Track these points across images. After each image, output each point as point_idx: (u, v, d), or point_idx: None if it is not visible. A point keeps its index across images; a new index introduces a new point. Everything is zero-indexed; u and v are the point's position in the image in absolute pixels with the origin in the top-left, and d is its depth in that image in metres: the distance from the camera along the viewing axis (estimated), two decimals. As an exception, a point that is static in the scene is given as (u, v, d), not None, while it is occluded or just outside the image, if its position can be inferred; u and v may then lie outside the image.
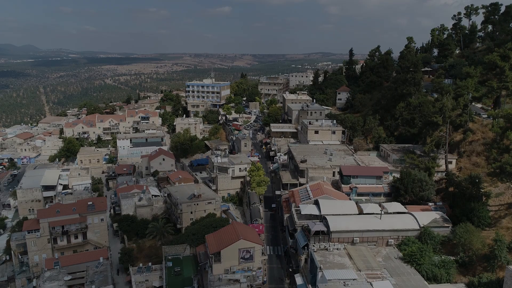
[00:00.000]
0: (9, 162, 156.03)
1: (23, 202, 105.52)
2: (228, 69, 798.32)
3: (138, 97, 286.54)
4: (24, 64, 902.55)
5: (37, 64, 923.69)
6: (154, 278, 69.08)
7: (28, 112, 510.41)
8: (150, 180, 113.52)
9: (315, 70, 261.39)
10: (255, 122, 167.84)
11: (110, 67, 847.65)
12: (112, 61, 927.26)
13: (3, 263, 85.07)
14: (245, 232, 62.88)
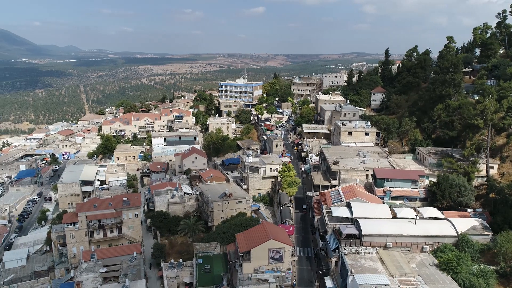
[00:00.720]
0: (51, 157, 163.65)
1: (63, 196, 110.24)
2: (261, 69, 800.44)
3: (173, 96, 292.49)
4: (66, 64, 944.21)
5: (78, 64, 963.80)
6: (185, 274, 70.23)
7: (69, 110, 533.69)
8: (182, 178, 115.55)
9: (349, 70, 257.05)
10: (287, 123, 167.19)
11: (146, 67, 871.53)
12: (148, 61, 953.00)
13: (44, 253, 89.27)
14: (275, 232, 62.74)
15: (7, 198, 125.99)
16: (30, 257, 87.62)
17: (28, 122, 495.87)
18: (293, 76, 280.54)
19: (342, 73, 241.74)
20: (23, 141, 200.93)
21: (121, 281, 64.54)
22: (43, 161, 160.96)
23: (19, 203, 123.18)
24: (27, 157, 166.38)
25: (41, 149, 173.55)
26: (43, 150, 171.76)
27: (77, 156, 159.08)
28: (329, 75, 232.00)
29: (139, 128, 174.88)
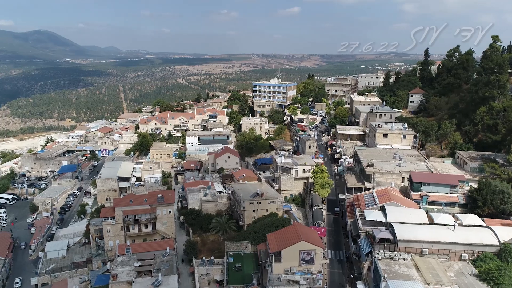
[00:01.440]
0: (91, 153, 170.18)
1: (101, 191, 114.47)
2: (295, 70, 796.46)
3: (207, 96, 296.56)
4: (107, 64, 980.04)
5: (118, 64, 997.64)
6: (216, 271, 71.02)
7: (108, 109, 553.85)
8: (215, 176, 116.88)
9: (386, 71, 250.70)
10: (320, 124, 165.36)
11: (182, 67, 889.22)
12: (184, 62, 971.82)
13: (83, 245, 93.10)
14: (307, 233, 62.17)
15: (50, 191, 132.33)
16: (70, 249, 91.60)
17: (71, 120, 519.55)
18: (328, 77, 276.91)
19: (378, 74, 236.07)
20: (65, 138, 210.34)
21: (154, 276, 66.20)
22: (84, 157, 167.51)
23: (60, 196, 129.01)
24: (69, 153, 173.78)
25: (82, 146, 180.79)
26: (83, 147, 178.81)
27: (115, 153, 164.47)
28: (365, 75, 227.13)
29: (174, 126, 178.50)
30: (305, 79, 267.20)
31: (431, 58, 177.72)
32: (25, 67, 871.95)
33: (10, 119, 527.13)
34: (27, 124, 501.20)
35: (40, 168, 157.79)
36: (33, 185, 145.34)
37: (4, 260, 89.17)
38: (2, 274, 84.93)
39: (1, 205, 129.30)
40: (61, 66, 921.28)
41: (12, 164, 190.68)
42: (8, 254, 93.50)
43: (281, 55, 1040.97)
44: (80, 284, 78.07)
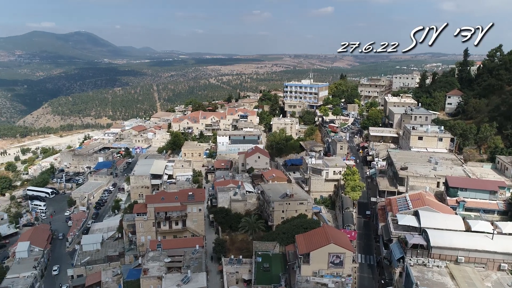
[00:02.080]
0: (125, 151, 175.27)
1: (135, 187, 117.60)
2: (327, 70, 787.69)
3: (239, 96, 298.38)
4: (142, 64, 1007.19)
5: (153, 64, 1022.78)
6: (244, 271, 71.29)
7: (142, 107, 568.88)
8: (245, 176, 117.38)
9: (422, 71, 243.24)
10: (352, 125, 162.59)
11: (215, 68, 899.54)
12: (217, 62, 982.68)
13: (116, 240, 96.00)
14: (336, 236, 61.27)
15: (86, 186, 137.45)
16: (104, 242, 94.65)
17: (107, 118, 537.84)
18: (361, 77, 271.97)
19: (414, 75, 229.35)
20: (101, 135, 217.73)
21: (184, 272, 67.33)
22: (118, 154, 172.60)
23: (96, 192, 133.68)
24: (104, 150, 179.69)
25: (117, 143, 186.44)
26: (118, 144, 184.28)
27: (148, 150, 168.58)
28: (400, 76, 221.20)
29: (206, 126, 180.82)
30: (337, 80, 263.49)
31: (470, 59, 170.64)
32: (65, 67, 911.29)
33: (51, 117, 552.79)
34: (66, 122, 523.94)
35: (77, 164, 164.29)
36: (71, 180, 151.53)
37: (43, 251, 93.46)
38: (41, 264, 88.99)
39: (41, 199, 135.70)
40: (98, 66, 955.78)
41: (52, 159, 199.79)
42: (47, 245, 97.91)
43: (313, 55, 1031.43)
44: (113, 277, 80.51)
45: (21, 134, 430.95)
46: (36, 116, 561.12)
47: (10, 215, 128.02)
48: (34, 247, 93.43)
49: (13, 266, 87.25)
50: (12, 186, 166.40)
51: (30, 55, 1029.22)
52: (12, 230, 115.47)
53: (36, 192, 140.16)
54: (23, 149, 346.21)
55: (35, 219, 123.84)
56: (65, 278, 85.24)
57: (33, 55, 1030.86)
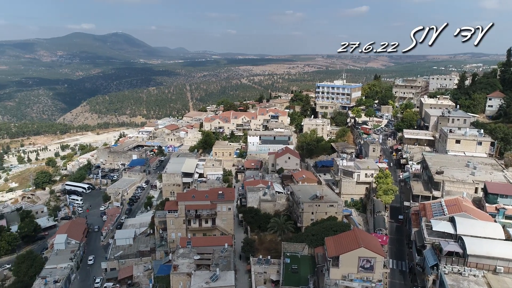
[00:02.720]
0: (158, 149, 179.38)
1: (166, 185, 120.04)
2: (360, 71, 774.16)
3: (270, 96, 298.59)
4: (176, 65, 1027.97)
5: (186, 64, 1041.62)
6: (272, 271, 71.13)
7: (175, 107, 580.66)
8: (275, 176, 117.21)
9: (461, 72, 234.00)
10: (386, 127, 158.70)
11: (246, 68, 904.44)
12: (249, 62, 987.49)
13: (148, 236, 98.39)
14: (367, 240, 59.94)
15: (121, 183, 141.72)
16: (136, 238, 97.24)
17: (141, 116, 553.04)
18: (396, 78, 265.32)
19: (452, 75, 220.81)
20: (136, 133, 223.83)
21: (212, 270, 68.04)
22: (151, 152, 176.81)
23: (130, 188, 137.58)
24: (138, 147, 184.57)
25: (150, 141, 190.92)
26: (152, 142, 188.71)
27: (180, 149, 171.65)
28: (437, 77, 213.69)
29: (237, 126, 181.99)
30: (371, 80, 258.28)
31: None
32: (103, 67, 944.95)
33: (89, 115, 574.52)
34: (103, 120, 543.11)
35: (113, 160, 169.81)
36: (106, 176, 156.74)
37: (79, 244, 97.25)
38: (77, 256, 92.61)
39: (78, 193, 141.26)
40: (134, 66, 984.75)
41: (89, 156, 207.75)
42: (83, 238, 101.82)
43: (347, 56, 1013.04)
44: (144, 271, 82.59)
45: (61, 131, 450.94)
46: (75, 114, 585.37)
47: (50, 208, 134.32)
48: (71, 239, 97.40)
49: (51, 257, 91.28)
50: (52, 180, 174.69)
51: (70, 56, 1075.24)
52: (51, 222, 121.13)
53: (73, 187, 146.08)
54: (62, 146, 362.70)
55: (72, 213, 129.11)
56: (99, 270, 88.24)
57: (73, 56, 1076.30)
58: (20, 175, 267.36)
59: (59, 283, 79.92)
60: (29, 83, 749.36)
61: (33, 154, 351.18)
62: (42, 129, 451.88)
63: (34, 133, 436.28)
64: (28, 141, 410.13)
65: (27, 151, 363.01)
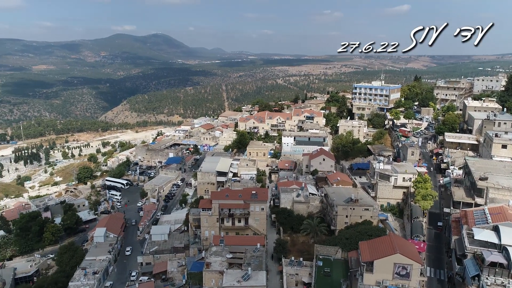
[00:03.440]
0: (194, 148, 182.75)
1: (201, 183, 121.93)
2: (400, 71, 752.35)
3: (305, 97, 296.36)
4: (213, 65, 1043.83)
5: (222, 65, 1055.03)
6: (304, 273, 70.49)
7: (211, 106, 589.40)
8: (309, 178, 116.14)
9: (509, 73, 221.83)
10: (426, 130, 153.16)
11: (282, 68, 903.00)
12: (285, 62, 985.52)
13: (182, 232, 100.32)
14: (403, 246, 58.13)
15: (157, 180, 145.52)
16: (171, 234, 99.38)
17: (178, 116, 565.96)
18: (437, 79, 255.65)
19: (499, 77, 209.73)
20: (173, 132, 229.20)
21: (244, 269, 68.37)
22: (187, 151, 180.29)
23: (166, 185, 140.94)
24: (175, 146, 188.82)
25: (186, 140, 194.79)
26: (188, 141, 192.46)
27: (215, 148, 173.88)
28: (483, 78, 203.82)
29: (271, 126, 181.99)
30: (411, 82, 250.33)
31: None
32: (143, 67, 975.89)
33: (128, 113, 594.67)
34: (142, 118, 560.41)
35: (150, 158, 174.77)
36: (144, 173, 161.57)
37: (117, 238, 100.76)
38: (115, 250, 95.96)
39: (117, 189, 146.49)
40: (172, 67, 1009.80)
41: (128, 153, 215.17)
42: (120, 232, 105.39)
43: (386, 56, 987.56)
44: (178, 267, 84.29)
45: (102, 129, 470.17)
46: (116, 112, 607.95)
47: (90, 202, 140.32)
48: (109, 233, 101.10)
49: (91, 249, 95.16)
50: (93, 176, 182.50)
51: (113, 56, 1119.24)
52: (92, 216, 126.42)
53: (113, 183, 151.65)
54: (103, 143, 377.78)
55: (111, 207, 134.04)
56: (135, 264, 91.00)
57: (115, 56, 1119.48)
58: (64, 169, 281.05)
59: (98, 275, 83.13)
60: (74, 82, 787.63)
61: (77, 150, 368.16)
62: (85, 126, 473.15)
63: (78, 130, 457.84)
64: (72, 138, 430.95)
65: (71, 147, 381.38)
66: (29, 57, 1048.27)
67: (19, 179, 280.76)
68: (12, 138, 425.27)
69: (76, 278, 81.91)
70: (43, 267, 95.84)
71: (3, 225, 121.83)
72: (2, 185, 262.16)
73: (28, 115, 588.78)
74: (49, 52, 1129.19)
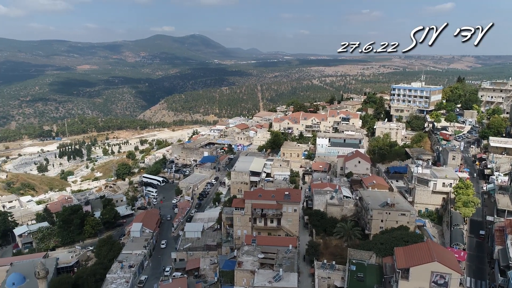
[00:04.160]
0: (228, 147, 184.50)
1: (235, 182, 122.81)
2: (442, 72, 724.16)
3: (341, 98, 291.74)
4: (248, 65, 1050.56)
5: (258, 65, 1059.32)
6: (336, 277, 69.37)
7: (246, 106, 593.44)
8: (343, 180, 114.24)
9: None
10: (469, 133, 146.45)
11: (318, 68, 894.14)
12: (321, 63, 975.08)
13: (215, 230, 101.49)
14: (442, 254, 55.89)
15: (192, 178, 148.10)
16: (204, 232, 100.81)
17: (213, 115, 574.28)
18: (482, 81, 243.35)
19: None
20: (208, 131, 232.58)
21: (276, 270, 68.18)
22: (222, 150, 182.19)
23: (200, 183, 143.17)
24: (209, 145, 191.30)
25: (221, 139, 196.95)
26: (222, 140, 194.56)
27: (249, 148, 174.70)
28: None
29: (306, 127, 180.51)
30: (453, 83, 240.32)
31: None
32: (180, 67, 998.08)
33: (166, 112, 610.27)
34: (178, 117, 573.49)
35: (185, 156, 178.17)
36: (179, 171, 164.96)
37: (152, 233, 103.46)
38: (150, 245, 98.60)
39: (153, 186, 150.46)
40: (209, 67, 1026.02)
41: (164, 151, 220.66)
42: (156, 228, 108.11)
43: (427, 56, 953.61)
44: (210, 265, 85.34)
45: (141, 127, 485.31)
46: (154, 111, 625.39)
47: (128, 198, 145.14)
48: (145, 228, 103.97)
49: (128, 244, 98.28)
50: (131, 172, 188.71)
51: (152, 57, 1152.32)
52: (129, 211, 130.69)
53: (149, 180, 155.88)
54: (141, 140, 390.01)
55: (148, 203, 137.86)
56: (169, 260, 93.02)
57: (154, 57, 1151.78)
58: (104, 165, 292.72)
59: (133, 268, 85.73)
60: (115, 81, 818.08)
61: (116, 147, 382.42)
62: (124, 124, 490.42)
63: (118, 128, 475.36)
64: (112, 135, 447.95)
65: (111, 144, 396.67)
66: (74, 58, 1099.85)
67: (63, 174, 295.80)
68: (57, 134, 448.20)
69: (113, 270, 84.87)
70: (83, 258, 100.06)
71: (47, 217, 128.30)
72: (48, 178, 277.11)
73: (72, 112, 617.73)
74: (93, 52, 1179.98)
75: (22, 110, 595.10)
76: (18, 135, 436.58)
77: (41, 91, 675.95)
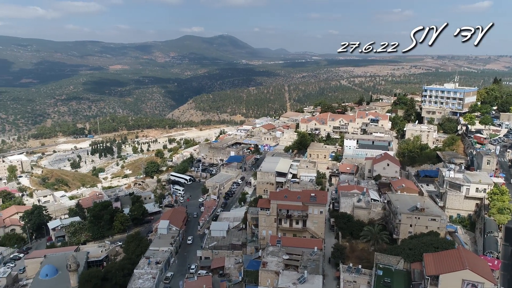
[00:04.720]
0: (254, 147, 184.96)
1: (260, 182, 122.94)
2: (477, 73, 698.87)
3: (370, 99, 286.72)
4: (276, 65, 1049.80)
5: (286, 65, 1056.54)
6: (362, 281, 68.12)
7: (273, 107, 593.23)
8: (371, 183, 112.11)
9: None
10: (505, 137, 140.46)
11: (347, 69, 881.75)
12: (350, 63, 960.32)
13: (240, 230, 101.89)
14: (474, 262, 53.89)
15: (218, 177, 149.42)
16: (229, 231, 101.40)
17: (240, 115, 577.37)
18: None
19: None
20: (235, 131, 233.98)
21: (300, 272, 67.68)
22: (248, 150, 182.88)
23: (226, 183, 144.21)
24: (236, 145, 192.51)
25: (248, 139, 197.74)
26: (249, 140, 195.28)
27: (275, 148, 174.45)
28: None
29: (333, 128, 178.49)
30: (489, 84, 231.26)
31: None
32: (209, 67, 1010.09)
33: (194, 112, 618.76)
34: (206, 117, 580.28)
35: (212, 156, 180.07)
36: (206, 170, 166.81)
37: (179, 231, 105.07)
38: (176, 242, 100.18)
39: (181, 184, 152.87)
40: (237, 67, 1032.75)
41: (192, 150, 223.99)
42: (182, 226, 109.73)
43: (461, 56, 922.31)
44: (235, 264, 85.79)
45: (169, 126, 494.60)
46: (182, 110, 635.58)
47: (156, 195, 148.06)
48: (172, 226, 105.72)
49: (155, 240, 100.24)
50: (159, 170, 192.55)
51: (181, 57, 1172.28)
52: (157, 208, 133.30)
53: (177, 178, 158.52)
54: (170, 139, 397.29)
55: (175, 201, 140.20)
56: (195, 258, 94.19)
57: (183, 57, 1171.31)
58: (134, 163, 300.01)
59: (160, 265, 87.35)
60: (145, 81, 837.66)
61: (145, 145, 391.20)
62: (153, 123, 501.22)
63: (147, 127, 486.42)
64: (142, 134, 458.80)
65: (140, 142, 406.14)
66: (107, 58, 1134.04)
67: (94, 170, 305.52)
68: (90, 132, 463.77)
69: (141, 266, 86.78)
70: (112, 253, 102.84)
71: (79, 212, 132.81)
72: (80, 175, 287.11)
73: (104, 111, 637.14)
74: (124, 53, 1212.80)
75: (57, 108, 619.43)
76: (53, 133, 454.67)
77: (75, 90, 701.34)
